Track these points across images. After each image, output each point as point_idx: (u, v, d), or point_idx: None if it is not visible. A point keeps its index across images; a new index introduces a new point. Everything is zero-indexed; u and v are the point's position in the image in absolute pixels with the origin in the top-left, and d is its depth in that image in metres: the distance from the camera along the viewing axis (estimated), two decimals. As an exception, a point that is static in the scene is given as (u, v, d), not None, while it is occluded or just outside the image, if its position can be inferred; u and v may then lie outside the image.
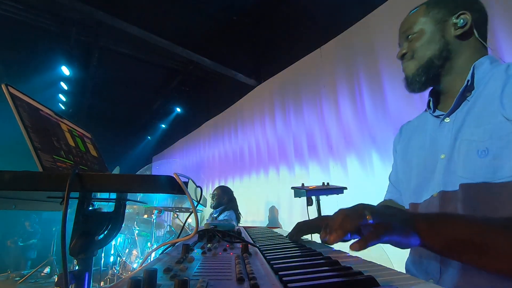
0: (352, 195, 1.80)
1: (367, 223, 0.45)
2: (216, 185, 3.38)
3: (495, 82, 0.61)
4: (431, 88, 0.76)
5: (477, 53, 0.69)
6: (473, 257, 0.46)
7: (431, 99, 0.77)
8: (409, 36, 0.76)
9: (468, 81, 0.65)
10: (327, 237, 0.46)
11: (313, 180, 2.60)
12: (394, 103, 2.00)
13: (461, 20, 0.68)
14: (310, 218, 0.80)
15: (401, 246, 0.46)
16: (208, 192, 3.33)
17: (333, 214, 0.50)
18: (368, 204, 0.50)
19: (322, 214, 1.52)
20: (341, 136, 2.42)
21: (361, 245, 0.42)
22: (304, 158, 2.79)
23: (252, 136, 3.70)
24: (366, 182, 2.11)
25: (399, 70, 0.81)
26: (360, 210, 0.47)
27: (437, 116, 0.74)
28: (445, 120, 0.70)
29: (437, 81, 0.73)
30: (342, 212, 0.48)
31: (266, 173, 3.35)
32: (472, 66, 0.66)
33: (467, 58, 0.69)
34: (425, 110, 0.82)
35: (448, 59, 0.70)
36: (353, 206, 0.50)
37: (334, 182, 1.62)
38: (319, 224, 0.72)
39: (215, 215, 2.92)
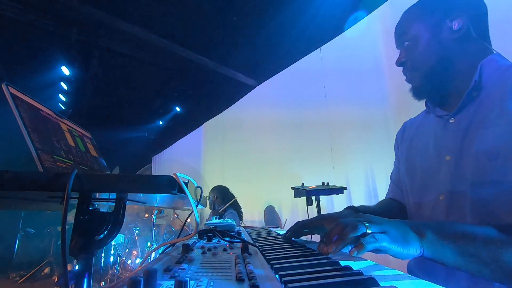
0: (352, 195, 1.80)
1: (365, 232, 0.44)
2: (217, 184, 3.37)
3: (505, 82, 0.59)
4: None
5: (481, 51, 0.66)
6: (476, 267, 0.45)
7: (428, 101, 0.75)
8: (405, 43, 0.73)
9: (475, 81, 0.63)
10: (325, 249, 0.45)
11: (313, 180, 2.60)
12: (395, 102, 2.00)
13: (456, 23, 0.65)
14: (309, 218, 0.79)
15: (401, 256, 0.45)
16: (207, 190, 3.32)
17: (332, 225, 0.48)
18: (366, 214, 0.49)
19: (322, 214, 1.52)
20: (341, 135, 2.42)
21: (359, 249, 0.41)
22: (304, 158, 2.79)
23: (252, 136, 3.70)
24: (367, 182, 2.11)
25: (400, 69, 0.80)
26: (358, 220, 0.45)
27: (440, 116, 0.72)
28: (450, 120, 0.68)
29: (445, 84, 0.70)
30: (339, 224, 0.47)
31: (266, 173, 3.34)
32: (479, 65, 0.63)
33: (471, 58, 0.66)
34: (426, 112, 0.80)
35: (450, 63, 0.67)
36: (350, 216, 0.49)
37: (334, 182, 1.62)
38: (317, 224, 0.70)
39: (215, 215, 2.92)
